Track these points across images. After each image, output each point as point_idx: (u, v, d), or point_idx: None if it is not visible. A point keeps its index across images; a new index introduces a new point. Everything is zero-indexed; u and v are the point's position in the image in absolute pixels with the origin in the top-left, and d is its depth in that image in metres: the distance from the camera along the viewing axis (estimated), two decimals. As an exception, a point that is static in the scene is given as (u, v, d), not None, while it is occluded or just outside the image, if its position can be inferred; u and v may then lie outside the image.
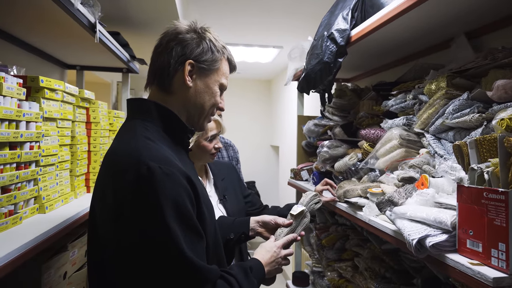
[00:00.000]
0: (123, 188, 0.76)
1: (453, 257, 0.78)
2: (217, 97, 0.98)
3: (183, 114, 0.94)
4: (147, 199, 0.74)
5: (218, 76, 0.97)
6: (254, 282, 0.92)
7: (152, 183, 0.74)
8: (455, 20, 1.21)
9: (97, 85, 3.24)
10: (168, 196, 0.75)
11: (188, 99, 0.94)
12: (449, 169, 0.83)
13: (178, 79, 0.92)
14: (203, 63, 0.93)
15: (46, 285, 1.10)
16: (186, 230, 0.77)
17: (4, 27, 1.39)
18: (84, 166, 1.48)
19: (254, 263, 0.99)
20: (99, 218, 0.84)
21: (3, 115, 0.89)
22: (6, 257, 0.76)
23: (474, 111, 0.93)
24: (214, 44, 0.95)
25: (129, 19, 1.95)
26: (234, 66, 1.04)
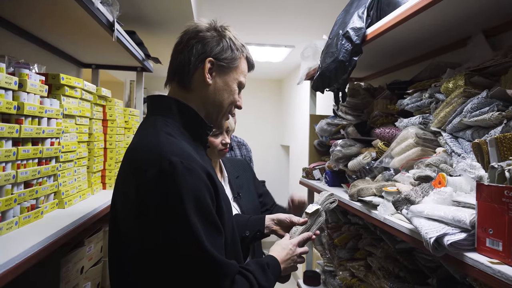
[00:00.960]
0: (145, 184, 0.78)
1: (472, 256, 0.77)
2: (236, 95, 0.99)
3: (202, 111, 0.96)
4: (169, 194, 0.76)
5: (237, 74, 0.98)
6: (271, 278, 0.92)
7: (174, 177, 0.76)
8: (472, 18, 1.20)
9: (111, 84, 3.28)
10: (189, 190, 0.76)
11: (207, 97, 0.95)
12: (468, 167, 0.82)
13: (198, 76, 0.93)
14: (222, 61, 0.95)
15: (64, 279, 1.12)
16: (206, 224, 0.78)
17: (24, 26, 1.42)
18: (100, 163, 1.51)
19: (270, 260, 0.99)
20: (121, 214, 0.85)
21: (27, 111, 0.91)
22: (31, 249, 0.78)
23: (494, 109, 0.93)
24: (234, 43, 0.97)
25: (144, 18, 1.97)
26: (252, 65, 1.05)
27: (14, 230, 0.88)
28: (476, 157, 0.86)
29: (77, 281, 1.22)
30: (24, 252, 0.75)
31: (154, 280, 0.79)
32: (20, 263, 0.72)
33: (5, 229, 0.84)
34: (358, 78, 2.37)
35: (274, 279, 0.96)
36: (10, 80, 0.85)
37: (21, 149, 0.90)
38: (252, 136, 5.56)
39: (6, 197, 0.85)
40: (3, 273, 0.66)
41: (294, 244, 1.08)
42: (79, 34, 1.50)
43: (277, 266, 1.00)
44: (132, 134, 1.75)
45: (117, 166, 1.60)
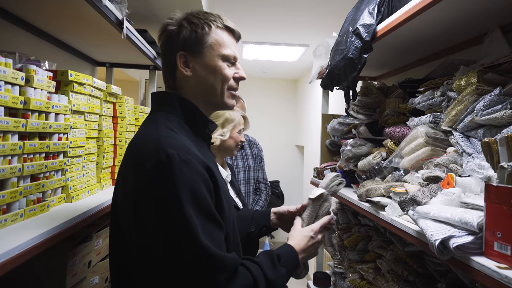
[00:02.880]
0: (142, 176, 0.78)
1: (478, 260, 0.74)
2: (224, 70, 0.94)
3: (200, 101, 0.95)
4: (165, 185, 0.75)
5: (215, 50, 0.93)
6: (282, 271, 0.87)
7: (170, 168, 0.75)
8: (489, 13, 1.15)
9: (126, 82, 3.34)
10: (185, 182, 0.76)
11: (196, 87, 0.94)
12: (477, 167, 0.78)
13: (179, 73, 0.94)
14: (191, 48, 0.92)
15: (71, 272, 1.14)
16: (202, 216, 0.77)
17: (40, 25, 1.46)
18: (110, 159, 1.53)
19: (284, 251, 0.95)
20: (120, 207, 0.86)
21: (34, 106, 0.93)
22: (33, 240, 0.80)
23: (507, 107, 0.88)
24: (195, 23, 0.93)
25: (157, 17, 1.99)
26: (232, 30, 0.98)
27: (19, 222, 0.90)
28: (486, 156, 0.82)
29: (84, 274, 1.24)
30: (25, 243, 0.76)
31: (150, 273, 0.78)
32: (20, 253, 0.74)
33: (9, 220, 0.86)
34: (372, 77, 2.33)
35: (288, 271, 0.90)
36: (16, 76, 0.87)
37: (27, 143, 0.92)
38: (267, 136, 5.55)
39: (11, 189, 0.87)
40: (2, 262, 0.68)
41: (315, 231, 1.02)
42: (91, 32, 1.53)
43: (292, 256, 0.95)
44: (142, 131, 1.77)
45: (126, 162, 1.62)
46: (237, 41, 1.01)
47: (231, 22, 0.98)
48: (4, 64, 0.84)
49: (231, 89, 0.97)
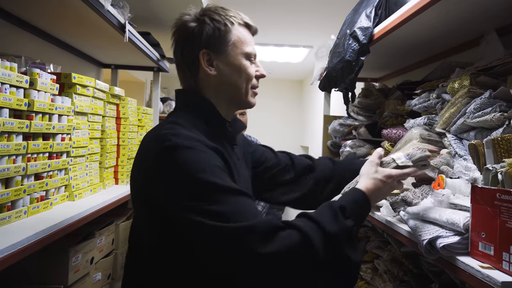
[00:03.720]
0: (149, 167, 0.78)
1: (463, 260, 0.76)
2: (248, 69, 0.92)
3: (222, 99, 0.92)
4: (173, 168, 0.74)
5: (238, 48, 0.91)
6: (347, 223, 0.76)
7: (175, 154, 0.74)
8: (488, 15, 1.15)
9: (132, 83, 3.40)
10: (192, 162, 0.74)
11: (220, 86, 0.91)
12: (464, 169, 0.80)
13: (202, 71, 0.90)
14: (215, 45, 0.89)
15: (73, 268, 1.18)
16: (220, 183, 0.73)
17: (46, 28, 1.51)
18: (113, 159, 1.57)
19: (350, 198, 0.83)
20: (135, 202, 0.86)
21: (37, 108, 0.97)
22: (35, 236, 0.84)
23: (496, 110, 0.90)
24: (217, 20, 0.89)
25: (159, 20, 2.03)
26: (251, 26, 0.95)
27: (22, 218, 0.94)
28: (472, 158, 0.84)
29: (87, 270, 1.28)
30: (26, 239, 0.80)
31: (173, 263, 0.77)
32: (22, 248, 0.77)
33: (13, 217, 0.90)
34: (374, 78, 2.34)
35: (356, 221, 0.79)
36: (21, 79, 0.91)
37: (31, 143, 0.96)
38: (272, 137, 5.56)
39: (15, 187, 0.91)
40: (4, 257, 0.71)
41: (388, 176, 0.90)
42: (95, 36, 1.57)
43: (361, 203, 0.83)
44: (145, 131, 1.81)
45: (129, 162, 1.66)
46: (254, 35, 0.99)
47: (248, 18, 0.96)
48: (9, 68, 0.88)
49: (253, 87, 0.96)
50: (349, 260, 0.73)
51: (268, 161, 1.14)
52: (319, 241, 0.70)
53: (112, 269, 1.55)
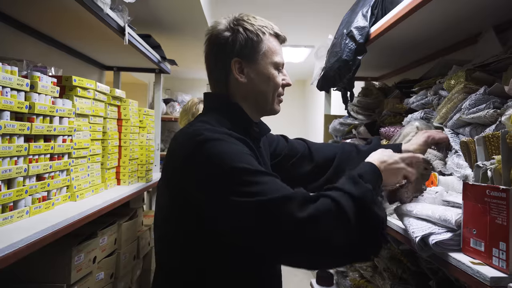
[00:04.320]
0: (184, 163, 0.84)
1: (455, 256, 0.76)
2: (276, 78, 0.97)
3: (250, 105, 0.98)
4: (205, 158, 0.80)
5: (268, 58, 0.96)
6: (367, 187, 0.80)
7: (207, 147, 0.80)
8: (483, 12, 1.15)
9: (135, 85, 3.43)
10: (222, 153, 0.80)
11: (249, 92, 0.97)
12: (455, 166, 0.81)
13: (232, 79, 0.96)
14: (247, 55, 0.94)
15: (76, 267, 1.21)
16: (251, 167, 0.78)
17: (49, 32, 1.54)
18: (115, 160, 1.59)
19: (364, 168, 0.88)
20: (163, 199, 0.94)
21: (38, 110, 1.00)
22: (36, 235, 0.86)
23: (490, 107, 0.90)
24: (250, 30, 0.95)
25: (160, 22, 2.06)
26: (280, 36, 1.01)
27: (24, 218, 0.96)
28: (464, 155, 0.84)
29: (89, 269, 1.31)
30: (27, 238, 0.82)
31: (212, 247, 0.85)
32: (23, 247, 0.80)
33: (15, 217, 0.92)
34: (374, 77, 2.34)
35: (373, 188, 0.82)
36: (22, 82, 0.94)
37: (32, 145, 0.99)
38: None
39: (17, 188, 0.93)
40: (5, 255, 0.74)
41: (402, 158, 0.93)
42: (96, 39, 1.60)
43: (373, 173, 0.88)
44: (147, 132, 1.84)
45: (131, 163, 1.68)
46: (282, 44, 1.04)
47: (278, 27, 1.01)
48: (9, 71, 0.91)
49: (279, 95, 1.01)
50: (377, 216, 0.78)
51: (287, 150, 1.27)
52: (349, 204, 0.75)
53: (115, 269, 1.57)
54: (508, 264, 0.66)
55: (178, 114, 3.87)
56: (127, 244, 1.68)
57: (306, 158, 1.29)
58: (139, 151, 1.77)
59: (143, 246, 1.91)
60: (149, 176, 1.87)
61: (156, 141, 2.24)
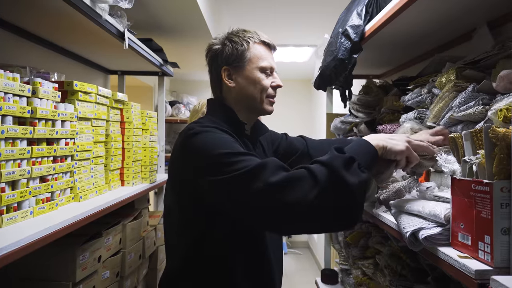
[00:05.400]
0: (179, 155, 1.00)
1: (444, 250, 0.78)
2: (263, 81, 1.09)
3: (241, 107, 1.11)
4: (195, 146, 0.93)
5: (254, 63, 1.08)
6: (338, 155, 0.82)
7: (196, 136, 0.94)
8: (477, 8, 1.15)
9: (141, 88, 3.49)
10: (209, 141, 0.92)
11: (239, 96, 1.10)
12: (443, 161, 0.82)
13: (224, 85, 1.11)
14: (233, 63, 1.08)
15: (81, 265, 1.25)
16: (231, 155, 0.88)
17: (53, 39, 1.59)
18: (118, 161, 1.63)
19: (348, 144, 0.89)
20: (170, 196, 1.09)
21: (40, 115, 1.04)
22: (38, 234, 0.89)
23: (479, 103, 0.91)
24: (235, 41, 1.09)
25: (160, 26, 2.10)
26: (268, 44, 1.13)
27: (29, 218, 1.00)
28: (452, 151, 0.85)
29: (94, 268, 1.35)
30: (29, 237, 0.86)
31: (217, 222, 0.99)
32: (26, 245, 0.83)
33: (20, 217, 0.96)
34: (376, 75, 2.34)
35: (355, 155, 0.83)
36: (23, 88, 0.98)
37: (35, 148, 1.03)
38: (281, 136, 5.58)
39: (21, 189, 0.97)
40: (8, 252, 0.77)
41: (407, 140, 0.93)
42: (98, 44, 1.64)
43: (359, 145, 0.89)
44: (149, 135, 1.88)
45: (134, 164, 1.72)
46: (273, 51, 1.16)
47: (266, 36, 1.13)
48: (11, 78, 0.95)
49: (269, 96, 1.12)
50: (345, 180, 0.77)
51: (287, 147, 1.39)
52: (320, 169, 0.80)
53: (120, 268, 1.61)
54: (493, 257, 0.67)
55: (183, 116, 3.92)
56: (132, 244, 1.71)
57: (305, 156, 1.38)
58: (142, 153, 1.81)
59: (149, 246, 1.95)
60: (153, 177, 1.91)
61: (160, 143, 2.28)
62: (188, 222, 1.05)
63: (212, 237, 1.02)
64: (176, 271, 1.08)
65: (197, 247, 1.03)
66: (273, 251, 1.12)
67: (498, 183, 0.65)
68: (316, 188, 0.77)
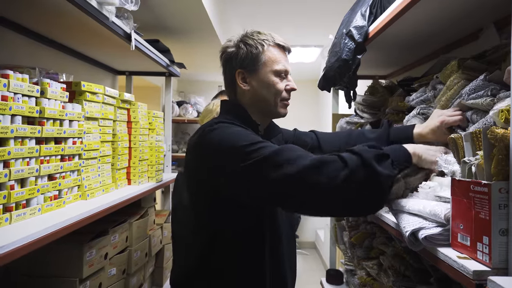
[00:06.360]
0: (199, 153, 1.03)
1: (443, 251, 0.78)
2: (277, 84, 1.09)
3: (255, 109, 1.11)
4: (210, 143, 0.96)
5: (268, 67, 1.08)
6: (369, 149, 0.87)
7: (214, 133, 0.97)
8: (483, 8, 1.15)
9: (148, 88, 3.53)
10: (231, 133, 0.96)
11: (253, 99, 1.10)
12: (444, 162, 0.82)
13: (238, 87, 1.11)
14: (248, 66, 1.08)
15: (88, 262, 1.28)
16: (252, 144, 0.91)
17: (62, 41, 1.63)
18: (125, 160, 1.66)
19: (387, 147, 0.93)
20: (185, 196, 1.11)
21: (48, 114, 1.07)
22: (46, 230, 0.92)
23: (488, 94, 0.90)
24: (250, 44, 1.08)
25: (167, 27, 2.12)
26: (283, 46, 1.13)
27: (37, 215, 1.03)
28: (452, 151, 0.85)
29: (101, 265, 1.37)
30: (37, 233, 0.88)
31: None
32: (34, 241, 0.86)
33: (28, 214, 0.99)
34: (382, 75, 2.33)
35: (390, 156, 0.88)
36: (32, 88, 1.01)
37: (43, 147, 1.05)
38: (289, 136, 5.58)
39: (30, 187, 1.00)
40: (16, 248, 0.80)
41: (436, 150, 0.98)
42: (106, 46, 1.67)
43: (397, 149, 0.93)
44: (156, 134, 1.90)
45: (140, 163, 1.75)
46: (288, 53, 1.16)
47: (281, 38, 1.13)
48: (21, 79, 0.98)
49: (283, 100, 1.12)
50: (376, 171, 0.83)
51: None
52: (351, 158, 0.85)
53: (126, 265, 1.63)
54: (491, 258, 0.67)
55: (191, 116, 3.95)
56: (139, 242, 1.74)
57: (315, 149, 1.37)
58: (148, 152, 1.84)
59: (155, 244, 1.98)
60: (159, 176, 1.93)
61: (167, 143, 2.30)
62: (204, 221, 1.06)
63: (227, 236, 1.04)
64: (191, 269, 1.10)
65: (213, 246, 1.05)
66: (287, 252, 1.15)
67: (496, 184, 0.66)
68: (345, 171, 0.82)
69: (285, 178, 0.84)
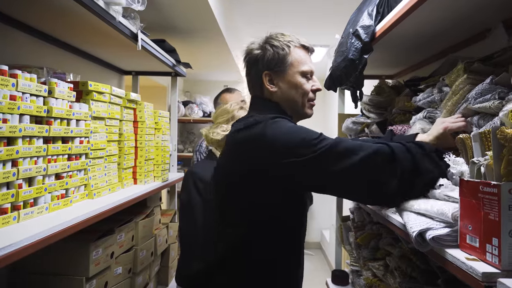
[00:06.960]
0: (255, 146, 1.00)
1: (451, 252, 0.77)
2: (304, 85, 1.10)
3: (284, 110, 1.12)
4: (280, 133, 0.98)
5: (295, 68, 1.09)
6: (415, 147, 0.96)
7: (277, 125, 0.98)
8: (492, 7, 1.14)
9: (155, 88, 3.54)
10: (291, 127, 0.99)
11: (281, 100, 1.11)
12: (452, 162, 0.81)
13: (266, 89, 1.11)
14: (275, 67, 1.09)
15: (94, 261, 1.28)
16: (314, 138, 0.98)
17: (70, 41, 1.64)
18: (131, 160, 1.67)
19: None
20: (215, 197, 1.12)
21: (55, 114, 1.07)
22: (53, 229, 0.93)
23: (495, 97, 0.89)
24: (276, 45, 1.09)
25: (174, 27, 2.13)
26: (308, 47, 1.14)
27: (44, 214, 1.04)
28: (461, 152, 0.84)
29: (107, 264, 1.38)
30: (44, 231, 0.89)
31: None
32: (42, 239, 0.87)
33: (36, 212, 1.00)
34: (388, 75, 2.32)
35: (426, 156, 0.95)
36: (40, 88, 1.02)
37: (50, 146, 1.06)
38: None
39: (37, 186, 1.01)
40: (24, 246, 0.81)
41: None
42: (113, 46, 1.68)
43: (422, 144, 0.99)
44: (161, 134, 1.91)
45: (146, 163, 1.75)
46: (311, 54, 1.17)
47: (305, 39, 1.14)
48: (29, 79, 0.98)
49: (310, 100, 1.14)
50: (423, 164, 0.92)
51: None
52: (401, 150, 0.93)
53: (132, 264, 1.64)
54: (500, 259, 0.66)
55: (196, 116, 3.95)
56: (144, 241, 1.75)
57: None
58: (154, 152, 1.84)
59: (161, 243, 1.98)
60: (165, 176, 1.94)
61: (173, 142, 2.31)
62: (231, 223, 1.07)
63: (270, 228, 1.04)
64: (213, 266, 1.10)
65: (238, 248, 1.05)
66: (303, 255, 1.17)
67: (506, 184, 0.65)
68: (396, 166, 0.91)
69: (350, 167, 0.91)
